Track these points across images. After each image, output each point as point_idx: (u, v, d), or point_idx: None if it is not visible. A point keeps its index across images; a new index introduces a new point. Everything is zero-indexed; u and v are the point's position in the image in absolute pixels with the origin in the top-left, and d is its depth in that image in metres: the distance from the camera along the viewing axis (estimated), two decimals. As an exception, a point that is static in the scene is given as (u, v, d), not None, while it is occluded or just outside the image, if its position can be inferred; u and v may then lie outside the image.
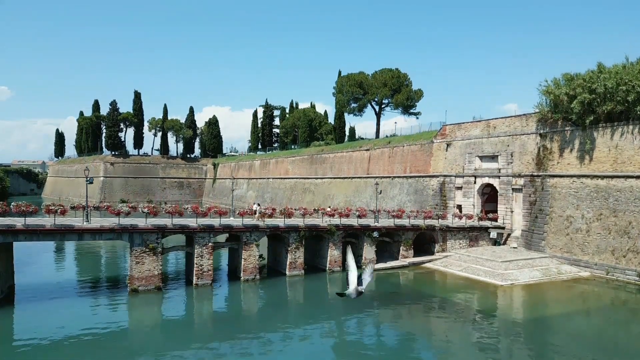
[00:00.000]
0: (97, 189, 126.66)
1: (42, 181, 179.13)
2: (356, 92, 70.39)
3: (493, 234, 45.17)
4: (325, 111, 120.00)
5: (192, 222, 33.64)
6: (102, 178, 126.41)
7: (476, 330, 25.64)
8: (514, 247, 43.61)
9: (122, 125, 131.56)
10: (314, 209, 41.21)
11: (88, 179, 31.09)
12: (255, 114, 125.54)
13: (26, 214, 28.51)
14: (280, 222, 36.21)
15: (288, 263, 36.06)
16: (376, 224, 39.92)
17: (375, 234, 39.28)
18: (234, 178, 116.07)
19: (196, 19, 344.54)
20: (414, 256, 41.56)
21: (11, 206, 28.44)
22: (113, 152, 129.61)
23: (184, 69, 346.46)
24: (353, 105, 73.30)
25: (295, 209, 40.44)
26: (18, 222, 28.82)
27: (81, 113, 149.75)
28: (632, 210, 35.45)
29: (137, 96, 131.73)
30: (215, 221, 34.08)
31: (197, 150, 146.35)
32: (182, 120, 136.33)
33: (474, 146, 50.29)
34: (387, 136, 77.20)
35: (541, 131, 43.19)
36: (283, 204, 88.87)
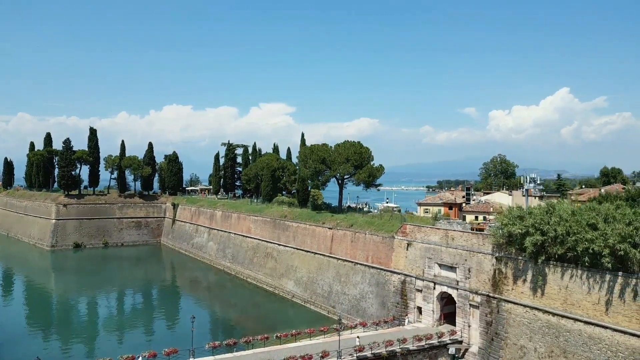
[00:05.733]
0: (49, 232, 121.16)
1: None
2: (319, 167, 70.63)
3: (452, 350, 46.36)
4: (289, 149, 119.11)
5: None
6: (53, 221, 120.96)
7: None
8: (471, 365, 44.97)
9: (77, 163, 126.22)
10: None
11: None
12: (217, 157, 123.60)
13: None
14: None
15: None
16: (339, 360, 40.07)
17: (338, 373, 39.48)
18: (195, 224, 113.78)
19: (163, 20, 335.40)
20: (376, 383, 42.03)
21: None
22: (66, 192, 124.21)
23: (146, 67, 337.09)
24: (317, 178, 73.47)
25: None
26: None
27: (32, 146, 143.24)
28: (581, 355, 37.21)
29: (93, 133, 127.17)
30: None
31: (156, 184, 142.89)
32: (141, 157, 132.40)
33: (433, 252, 51.44)
34: (349, 206, 77.94)
35: (497, 254, 44.69)
36: (245, 264, 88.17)
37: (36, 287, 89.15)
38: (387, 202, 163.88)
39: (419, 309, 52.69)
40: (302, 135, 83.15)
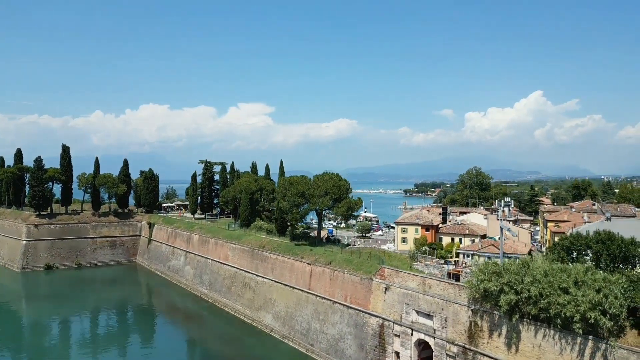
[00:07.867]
0: (19, 253, 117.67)
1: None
2: (298, 201, 70.60)
3: (428, 400, 46.98)
4: (267, 166, 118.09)
5: None
6: (24, 242, 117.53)
7: None
8: (448, 416, 45.63)
9: (49, 182, 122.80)
10: None
11: None
12: (194, 177, 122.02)
13: None
14: None
15: None
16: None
17: None
18: (171, 246, 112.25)
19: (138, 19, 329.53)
20: None
21: None
22: (37, 212, 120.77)
23: (123, 65, 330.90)
24: (297, 210, 73.47)
25: None
26: None
27: (1, 161, 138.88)
28: (553, 414, 38.15)
29: (66, 151, 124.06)
30: None
31: (132, 201, 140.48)
32: (115, 173, 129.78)
33: (411, 298, 51.95)
34: (330, 236, 78.06)
35: (472, 307, 45.42)
36: (223, 292, 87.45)
37: (6, 311, 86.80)
38: (365, 212, 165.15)
39: (397, 354, 53.15)
40: (281, 162, 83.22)
